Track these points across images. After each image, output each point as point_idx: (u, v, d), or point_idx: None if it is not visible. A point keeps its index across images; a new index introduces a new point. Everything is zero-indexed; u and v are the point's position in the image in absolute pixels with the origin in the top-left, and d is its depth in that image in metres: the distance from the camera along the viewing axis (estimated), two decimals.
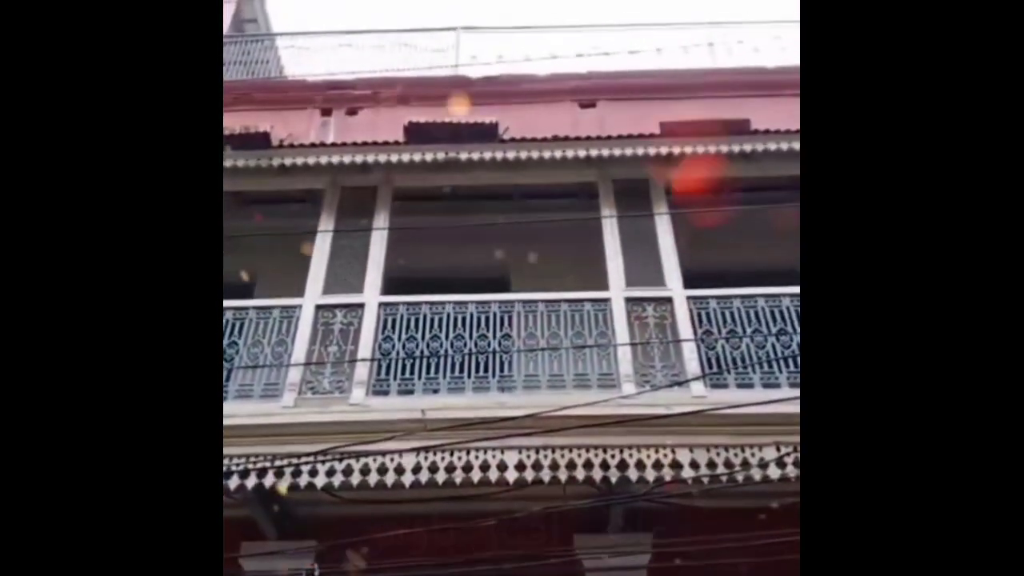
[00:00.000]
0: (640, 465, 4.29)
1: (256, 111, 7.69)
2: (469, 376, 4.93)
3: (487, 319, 5.20)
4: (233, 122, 6.53)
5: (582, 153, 5.99)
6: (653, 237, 5.75)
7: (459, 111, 7.43)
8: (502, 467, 4.30)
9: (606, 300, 5.32)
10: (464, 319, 5.21)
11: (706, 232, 5.97)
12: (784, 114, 7.71)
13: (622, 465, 4.31)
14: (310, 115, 8.02)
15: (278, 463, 4.35)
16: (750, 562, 4.15)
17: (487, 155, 6.01)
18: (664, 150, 5.99)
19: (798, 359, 4.93)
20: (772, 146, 6.01)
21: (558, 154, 5.99)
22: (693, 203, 6.16)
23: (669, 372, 4.92)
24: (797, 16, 2.13)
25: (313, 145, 6.55)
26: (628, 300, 5.32)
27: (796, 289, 5.37)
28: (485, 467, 4.31)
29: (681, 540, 4.33)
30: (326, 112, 8.05)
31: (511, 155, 6.00)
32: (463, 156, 6.01)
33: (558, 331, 5.13)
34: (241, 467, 4.32)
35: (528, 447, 4.36)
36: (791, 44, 8.67)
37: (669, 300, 5.30)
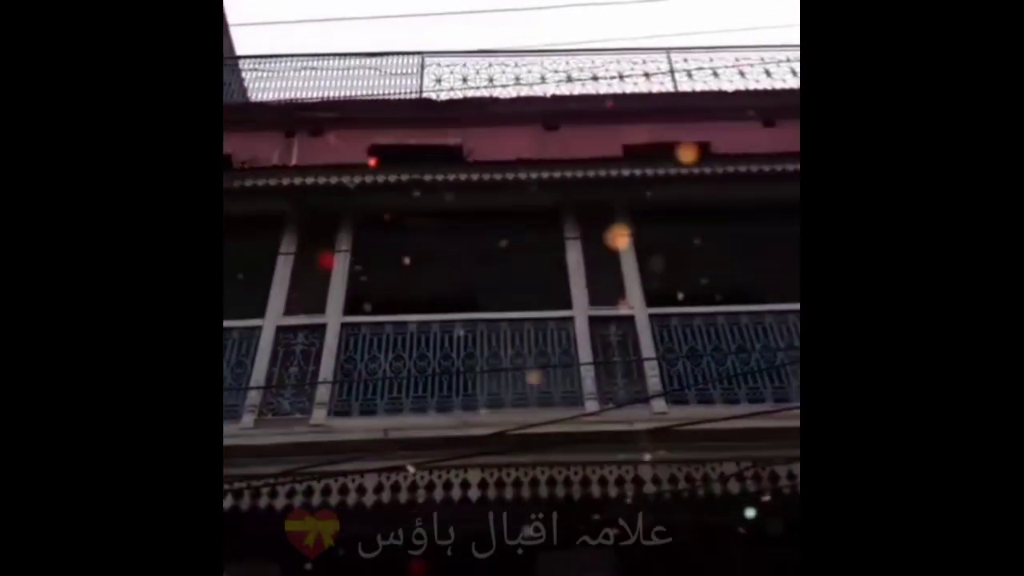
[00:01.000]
0: (603, 481, 4.31)
1: None
2: (432, 396, 4.92)
3: (451, 339, 5.20)
4: None
5: (545, 175, 6.05)
6: (615, 257, 5.82)
7: (424, 134, 7.48)
8: (465, 486, 4.29)
9: (570, 319, 5.36)
10: (428, 339, 5.21)
11: (668, 252, 6.05)
12: (744, 137, 7.92)
13: (585, 482, 4.32)
14: (273, 137, 8.00)
15: (237, 485, 4.28)
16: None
17: (451, 177, 6.04)
18: (626, 172, 6.07)
19: (756, 375, 5.01)
20: (731, 168, 6.12)
21: (522, 176, 6.04)
22: (655, 224, 6.26)
23: (631, 389, 4.96)
24: (755, 42, 2.16)
25: (275, 167, 6.53)
26: (591, 319, 5.36)
27: (754, 307, 5.47)
28: (448, 486, 4.29)
29: (643, 559, 4.34)
30: (290, 134, 8.05)
31: (475, 177, 6.04)
32: (427, 178, 6.04)
33: (522, 350, 5.16)
34: None
35: (491, 465, 4.35)
36: (749, 68, 8.90)
37: (631, 318, 5.35)
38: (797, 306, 5.43)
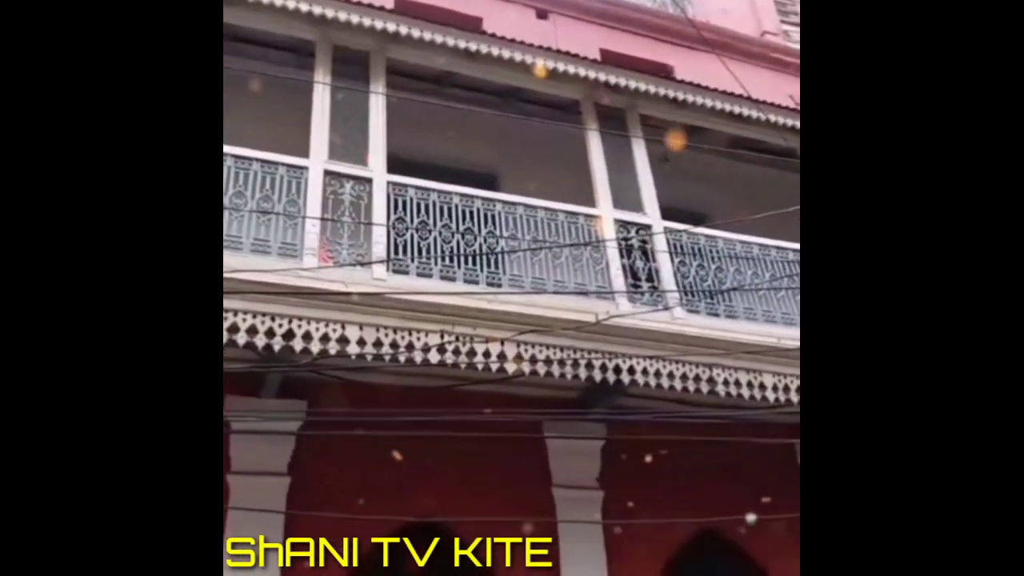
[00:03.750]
0: (307, 336, 4.28)
1: None
2: None
3: None
4: None
5: (304, 8, 5.53)
6: (365, 113, 5.58)
7: None
8: None
9: (303, 168, 5.09)
10: None
11: (416, 121, 5.95)
12: (516, 22, 7.92)
13: (289, 335, 4.26)
14: None
15: None
16: (399, 435, 4.41)
17: None
18: (392, 27, 5.76)
19: (478, 258, 5.22)
20: (496, 51, 6.07)
21: (277, 3, 5.46)
22: (411, 89, 6.10)
23: (355, 252, 4.91)
24: None
25: None
26: (327, 173, 5.14)
27: (488, 194, 5.63)
28: None
29: (336, 411, 4.45)
30: None
31: None
32: None
33: (244, 191, 4.82)
34: None
35: None
36: None
37: (369, 181, 5.23)
38: (527, 199, 5.70)
